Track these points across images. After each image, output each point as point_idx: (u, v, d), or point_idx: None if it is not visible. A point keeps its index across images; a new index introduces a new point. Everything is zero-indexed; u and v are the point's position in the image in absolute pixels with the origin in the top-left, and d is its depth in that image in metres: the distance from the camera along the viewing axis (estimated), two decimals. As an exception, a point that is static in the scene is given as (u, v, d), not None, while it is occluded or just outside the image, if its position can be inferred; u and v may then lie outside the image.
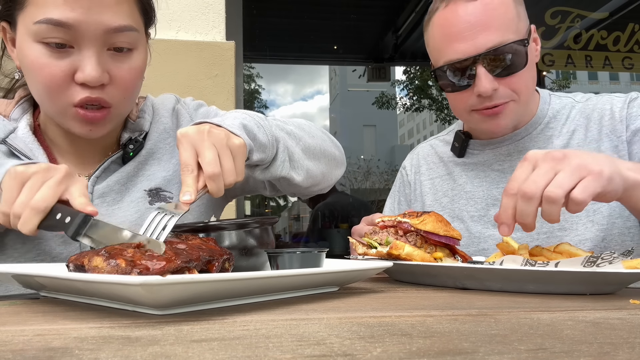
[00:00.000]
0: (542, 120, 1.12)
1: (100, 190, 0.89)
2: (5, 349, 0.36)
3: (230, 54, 1.97)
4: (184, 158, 0.70)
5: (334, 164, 1.05)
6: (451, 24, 1.01)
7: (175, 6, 1.97)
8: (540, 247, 0.80)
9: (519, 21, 1.01)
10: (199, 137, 0.72)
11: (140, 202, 0.91)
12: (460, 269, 0.73)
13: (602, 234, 1.00)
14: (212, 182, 0.70)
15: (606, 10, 4.50)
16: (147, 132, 0.97)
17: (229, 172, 0.71)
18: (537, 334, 0.40)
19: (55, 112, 0.84)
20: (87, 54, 0.78)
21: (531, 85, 1.05)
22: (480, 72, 0.99)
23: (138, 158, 0.94)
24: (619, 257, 0.66)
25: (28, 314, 0.51)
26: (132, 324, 0.44)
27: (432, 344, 0.37)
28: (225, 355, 0.33)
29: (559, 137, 1.10)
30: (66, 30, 0.76)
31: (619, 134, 1.04)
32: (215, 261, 0.60)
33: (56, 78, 0.78)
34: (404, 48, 5.53)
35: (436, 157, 1.28)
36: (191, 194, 0.67)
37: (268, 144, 0.84)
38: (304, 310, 0.53)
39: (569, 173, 0.70)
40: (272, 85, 12.69)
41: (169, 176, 0.96)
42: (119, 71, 0.82)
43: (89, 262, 0.54)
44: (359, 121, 16.82)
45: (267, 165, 0.87)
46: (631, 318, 0.48)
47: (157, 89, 1.89)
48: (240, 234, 0.74)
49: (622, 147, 1.03)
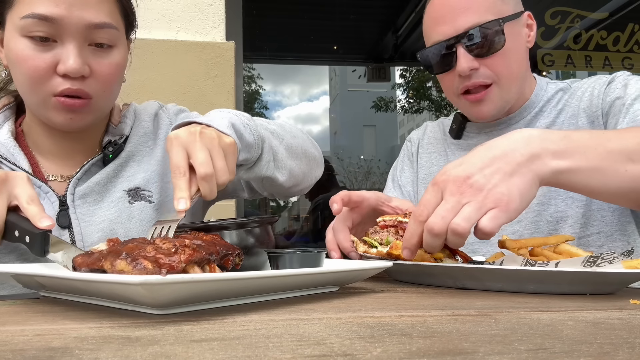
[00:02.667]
0: (537, 104, 1.13)
1: (82, 192, 0.92)
2: (5, 348, 0.36)
3: (230, 54, 1.97)
4: (175, 160, 0.70)
5: (314, 163, 1.07)
6: (436, 9, 1.08)
7: (175, 6, 1.97)
8: (540, 248, 0.80)
9: (502, 4, 1.04)
10: (190, 138, 0.72)
11: (120, 201, 0.94)
12: (460, 269, 0.73)
13: (582, 210, 1.02)
14: (205, 184, 0.69)
15: (606, 10, 4.50)
16: (127, 136, 1.00)
17: (222, 172, 0.71)
18: (537, 334, 0.40)
19: (37, 103, 0.87)
20: (69, 47, 0.83)
21: (515, 70, 1.06)
22: (460, 53, 1.03)
23: (118, 160, 0.97)
24: (619, 257, 0.66)
25: (28, 314, 0.51)
26: (132, 324, 0.44)
27: (432, 344, 0.37)
28: (225, 355, 0.33)
29: (547, 117, 1.11)
30: (50, 25, 0.81)
31: (594, 109, 1.05)
32: (230, 255, 0.61)
33: (39, 69, 0.82)
34: (404, 48, 5.53)
35: (440, 134, 1.30)
36: (186, 200, 0.66)
37: (254, 143, 0.85)
38: (304, 310, 0.53)
39: (476, 207, 0.66)
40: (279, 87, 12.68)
41: (147, 176, 0.98)
42: (99, 66, 0.86)
43: (113, 267, 0.53)
44: (359, 121, 16.81)
45: (251, 165, 0.88)
46: (631, 318, 0.48)
47: (157, 89, 1.90)
48: (240, 233, 0.74)
49: (598, 122, 1.03)
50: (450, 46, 1.04)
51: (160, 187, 0.99)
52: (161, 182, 0.99)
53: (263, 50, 5.45)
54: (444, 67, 1.08)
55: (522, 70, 1.09)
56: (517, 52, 1.06)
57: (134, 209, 0.94)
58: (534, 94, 1.14)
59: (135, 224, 0.93)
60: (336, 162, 9.71)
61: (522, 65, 1.09)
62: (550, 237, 0.81)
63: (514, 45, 1.05)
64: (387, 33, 5.43)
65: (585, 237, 1.02)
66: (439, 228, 0.67)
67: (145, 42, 1.89)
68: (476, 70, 1.04)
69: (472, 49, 1.03)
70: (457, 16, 1.03)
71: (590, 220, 1.02)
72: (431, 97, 9.93)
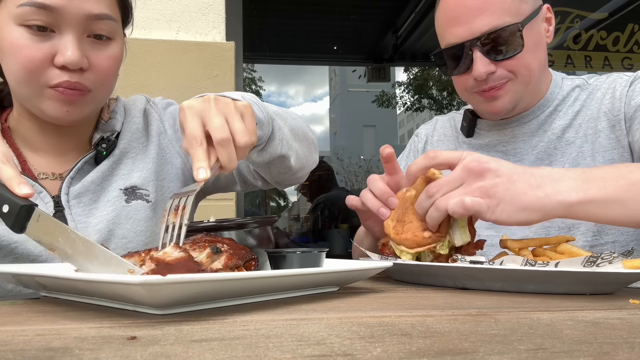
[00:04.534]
0: (552, 102, 1.09)
1: (76, 191, 0.89)
2: (5, 349, 0.36)
3: (230, 54, 1.97)
4: (190, 129, 0.66)
5: (312, 147, 1.05)
6: (451, 7, 1.02)
7: (175, 7, 1.97)
8: (542, 248, 0.80)
9: (521, 3, 0.99)
10: (204, 105, 0.69)
11: (117, 201, 0.91)
12: (460, 269, 0.73)
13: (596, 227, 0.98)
14: (223, 150, 0.66)
15: (606, 10, 4.50)
16: (119, 131, 0.97)
17: (241, 133, 0.67)
18: (537, 334, 0.40)
19: (31, 95, 0.83)
20: (68, 37, 0.80)
21: (534, 67, 1.02)
22: (476, 56, 0.99)
23: (112, 157, 0.93)
24: (619, 257, 0.66)
25: (28, 314, 0.51)
26: (132, 324, 0.44)
27: (432, 344, 0.37)
28: (225, 355, 0.33)
29: (563, 118, 1.07)
30: (49, 13, 0.79)
31: (616, 113, 1.00)
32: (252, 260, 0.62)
33: (35, 59, 0.79)
34: (403, 48, 5.54)
35: (450, 130, 1.26)
36: (206, 169, 0.63)
37: (265, 120, 0.81)
38: (304, 310, 0.53)
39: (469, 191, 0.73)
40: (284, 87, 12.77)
41: (144, 175, 0.95)
42: (98, 58, 0.84)
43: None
44: (359, 121, 16.82)
45: (264, 145, 0.84)
46: (631, 318, 0.48)
47: (157, 89, 1.90)
48: (239, 234, 0.74)
49: (619, 126, 0.99)
50: (466, 49, 1.01)
51: (156, 185, 0.96)
52: (157, 180, 0.97)
53: (263, 51, 5.45)
54: (459, 70, 1.05)
55: (541, 66, 1.05)
56: (536, 50, 1.02)
57: (131, 209, 0.91)
58: (549, 92, 1.09)
59: (133, 224, 0.91)
60: (336, 162, 9.72)
61: (540, 62, 1.04)
62: (551, 237, 0.81)
63: (533, 45, 1.01)
64: (387, 33, 5.43)
65: (599, 246, 0.98)
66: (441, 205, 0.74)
67: (145, 42, 1.89)
68: (493, 74, 1.00)
69: (489, 52, 0.99)
70: (474, 18, 0.98)
71: (604, 228, 0.98)
72: (432, 95, 9.93)
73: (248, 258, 0.63)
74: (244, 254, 0.63)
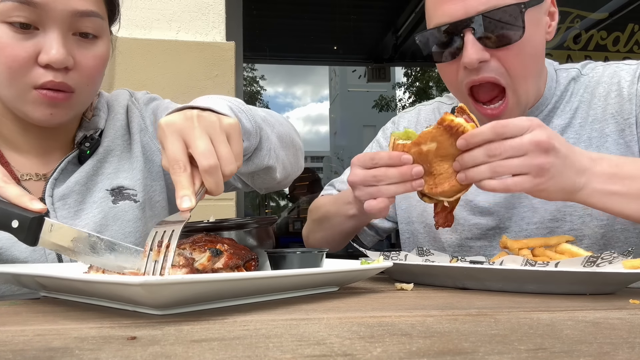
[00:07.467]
0: (550, 100, 0.99)
1: (61, 193, 0.85)
2: (5, 349, 0.36)
3: (230, 54, 1.97)
4: (172, 153, 0.60)
5: (299, 153, 1.01)
6: None
7: (175, 6, 1.97)
8: (542, 248, 0.80)
9: None
10: (187, 124, 0.62)
11: (103, 202, 0.88)
12: (460, 269, 0.73)
13: (602, 230, 0.92)
14: (210, 178, 0.60)
15: (606, 10, 4.51)
16: (102, 129, 0.93)
17: (227, 160, 0.62)
18: (537, 334, 0.40)
19: (14, 96, 0.80)
20: (53, 35, 0.77)
21: (531, 67, 0.91)
22: (468, 40, 0.86)
23: (96, 156, 0.90)
24: (619, 257, 0.66)
25: (28, 314, 0.51)
26: (132, 324, 0.44)
27: (432, 344, 0.37)
28: (225, 355, 0.33)
29: (561, 117, 0.98)
30: (32, 10, 0.75)
31: (626, 116, 0.92)
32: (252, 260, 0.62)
33: (18, 58, 0.76)
34: (404, 48, 5.54)
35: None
36: (191, 199, 0.58)
37: (252, 130, 0.77)
38: (304, 310, 0.53)
39: (528, 165, 0.71)
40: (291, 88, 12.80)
41: (130, 174, 0.92)
42: (83, 58, 0.81)
43: None
44: (359, 121, 16.82)
45: (250, 155, 0.80)
46: (631, 318, 0.48)
47: (157, 89, 1.90)
48: (239, 234, 0.74)
49: (629, 130, 0.91)
50: (458, 31, 0.87)
51: (144, 184, 0.93)
52: (144, 179, 0.94)
53: (263, 50, 5.46)
54: (446, 56, 0.91)
55: (538, 66, 0.94)
56: (535, 45, 0.90)
57: (119, 210, 0.88)
58: (546, 88, 0.99)
59: (121, 225, 0.88)
60: (336, 162, 9.71)
61: (538, 61, 0.93)
62: (552, 237, 0.81)
63: (533, 37, 0.88)
64: (387, 33, 5.44)
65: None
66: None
67: (145, 42, 1.89)
68: (486, 63, 0.87)
69: (484, 37, 0.86)
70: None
71: (611, 241, 0.92)
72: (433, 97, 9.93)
73: (248, 258, 0.63)
74: (244, 254, 0.63)
